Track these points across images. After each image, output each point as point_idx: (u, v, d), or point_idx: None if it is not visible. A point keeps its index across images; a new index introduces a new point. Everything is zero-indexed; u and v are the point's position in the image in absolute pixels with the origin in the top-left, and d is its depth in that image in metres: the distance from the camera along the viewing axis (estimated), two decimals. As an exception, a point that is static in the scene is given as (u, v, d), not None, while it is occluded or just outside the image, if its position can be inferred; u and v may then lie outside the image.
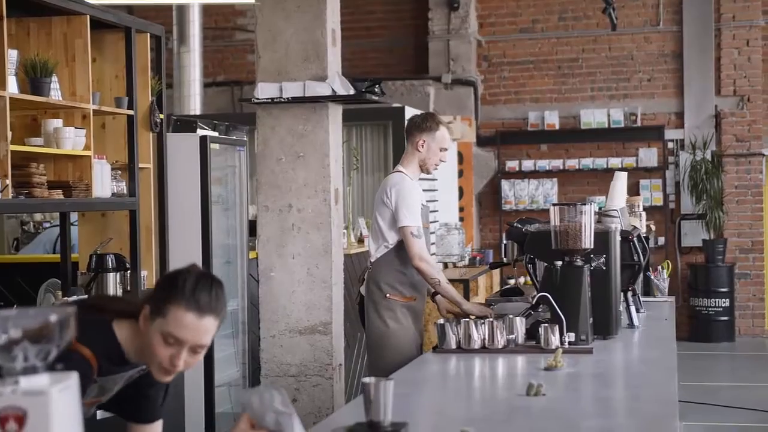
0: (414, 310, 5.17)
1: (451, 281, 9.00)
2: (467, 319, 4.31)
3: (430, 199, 10.16)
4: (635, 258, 5.00)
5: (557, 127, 12.64)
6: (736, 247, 12.32)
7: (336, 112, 5.95)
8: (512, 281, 11.95)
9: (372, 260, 5.21)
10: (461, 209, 12.17)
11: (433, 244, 9.73)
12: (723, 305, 12.01)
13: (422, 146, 5.18)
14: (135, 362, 2.69)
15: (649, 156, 12.39)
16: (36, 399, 1.71)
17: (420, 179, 8.73)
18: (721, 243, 12.10)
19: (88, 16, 5.09)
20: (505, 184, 12.70)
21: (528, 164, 12.65)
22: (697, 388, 9.27)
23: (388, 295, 5.10)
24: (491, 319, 4.29)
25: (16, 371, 1.74)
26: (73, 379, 1.78)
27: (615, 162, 12.33)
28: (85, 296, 5.10)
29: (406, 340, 5.10)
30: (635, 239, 5.06)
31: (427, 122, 5.22)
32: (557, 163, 12.58)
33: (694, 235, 12.35)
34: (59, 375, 1.77)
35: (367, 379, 2.72)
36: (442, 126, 5.23)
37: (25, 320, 1.75)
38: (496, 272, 11.27)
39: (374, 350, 5.17)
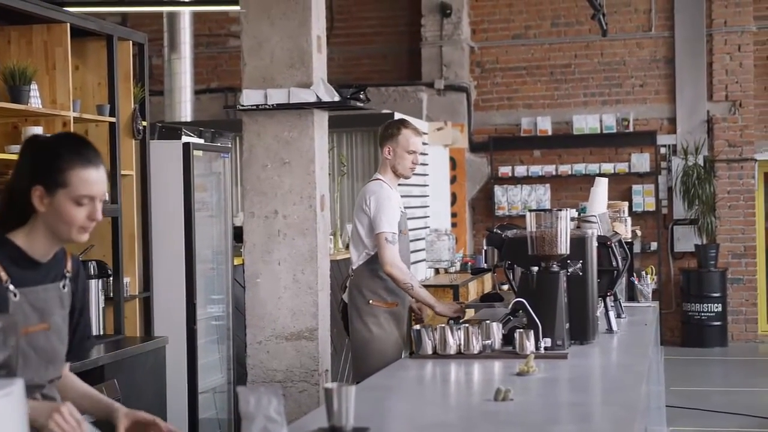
0: (396, 315, 5.23)
1: (441, 287, 9.09)
2: (443, 325, 4.32)
3: (421, 205, 10.21)
4: (614, 264, 5.00)
5: (550, 133, 12.66)
6: (728, 252, 12.33)
7: (321, 118, 5.97)
8: (506, 287, 11.95)
9: (354, 267, 5.30)
10: (454, 215, 12.19)
11: (421, 250, 9.76)
12: (715, 310, 12.01)
13: (389, 153, 5.33)
14: (46, 261, 2.73)
15: (641, 161, 12.41)
16: (-23, 405, 1.73)
17: (409, 185, 8.76)
18: (713, 248, 12.11)
19: (68, 24, 5.12)
20: (498, 190, 12.71)
21: (521, 170, 12.67)
22: (689, 393, 9.28)
23: (370, 301, 5.19)
24: (467, 325, 4.31)
25: (-42, 377, 1.76)
26: (16, 385, 1.80)
27: (607, 167, 12.34)
28: None
29: (390, 345, 5.16)
30: (615, 245, 5.06)
31: (388, 129, 5.36)
32: (550, 169, 12.60)
33: (686, 240, 12.36)
34: (4, 381, 1.79)
35: (328, 385, 2.74)
36: (406, 129, 5.32)
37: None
38: (488, 278, 11.28)
39: (359, 356, 5.23)
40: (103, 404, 2.92)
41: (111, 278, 5.49)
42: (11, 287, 2.63)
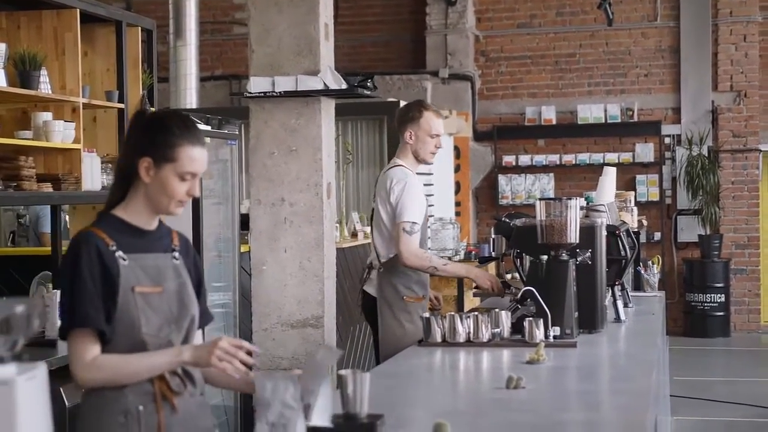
0: (423, 308, 5.14)
1: (446, 275, 9.05)
2: (452, 313, 4.32)
3: (425, 194, 10.20)
4: (622, 253, 5.01)
5: (554, 123, 12.66)
6: (731, 242, 12.34)
7: (328, 106, 5.96)
8: (509, 276, 11.96)
9: (382, 260, 5.09)
10: (458, 204, 12.19)
11: (429, 238, 9.75)
12: (718, 300, 12.03)
13: (411, 137, 5.10)
14: (151, 231, 2.86)
15: (645, 151, 12.41)
16: (2, 388, 1.73)
17: (417, 173, 8.72)
18: (717, 238, 12.12)
19: (77, 10, 5.11)
20: (502, 179, 12.72)
21: (525, 159, 12.67)
22: (692, 383, 9.30)
23: (405, 297, 5.04)
24: (476, 313, 4.31)
25: (-17, 361, 1.76)
26: (39, 369, 1.81)
27: (612, 157, 12.34)
28: None
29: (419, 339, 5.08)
30: (623, 234, 5.07)
31: (410, 112, 5.13)
32: (554, 158, 12.60)
33: (690, 230, 12.37)
34: (26, 365, 1.80)
35: (343, 372, 2.75)
36: (428, 112, 5.11)
37: (-9, 311, 1.78)
38: (492, 266, 11.29)
39: (389, 352, 5.06)
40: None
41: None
42: (120, 253, 2.76)
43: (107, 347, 2.75)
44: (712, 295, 12.02)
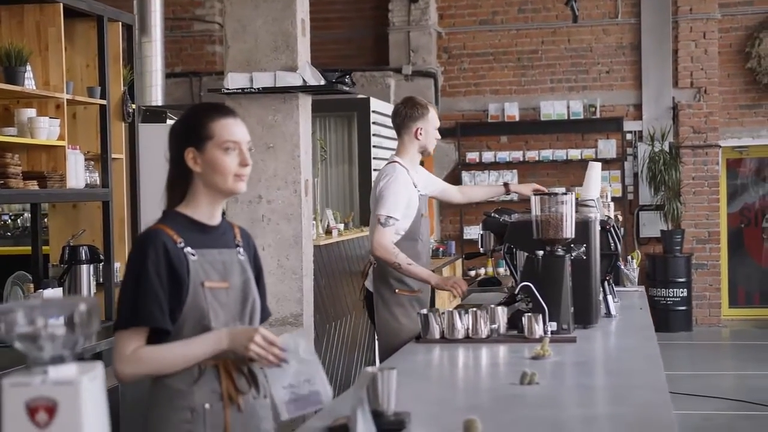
0: (421, 302, 5.12)
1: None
2: (451, 309, 4.31)
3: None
4: (612, 247, 5.02)
5: (517, 119, 12.70)
6: (693, 237, 12.47)
7: (305, 102, 5.94)
8: (473, 273, 12.00)
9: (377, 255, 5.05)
10: (422, 201, 12.17)
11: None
12: (681, 295, 12.15)
13: (420, 134, 5.17)
14: (215, 226, 2.84)
15: (608, 147, 12.49)
16: (66, 389, 1.69)
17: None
18: (678, 234, 12.24)
19: (61, 5, 5.01)
20: (465, 176, 12.73)
21: (488, 156, 12.70)
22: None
23: (396, 290, 5.05)
24: (475, 309, 4.29)
25: (44, 361, 1.71)
26: (99, 368, 1.76)
27: (574, 153, 12.42)
28: None
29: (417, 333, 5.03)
30: (612, 229, 5.09)
31: (417, 110, 5.18)
32: (517, 155, 12.64)
33: (652, 225, 12.47)
34: (87, 365, 1.75)
35: (371, 369, 2.72)
36: (430, 106, 5.25)
37: (53, 310, 1.73)
38: (459, 263, 11.33)
39: (388, 346, 5.01)
40: None
41: (102, 263, 5.40)
42: (188, 248, 2.75)
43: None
44: (675, 289, 12.14)
